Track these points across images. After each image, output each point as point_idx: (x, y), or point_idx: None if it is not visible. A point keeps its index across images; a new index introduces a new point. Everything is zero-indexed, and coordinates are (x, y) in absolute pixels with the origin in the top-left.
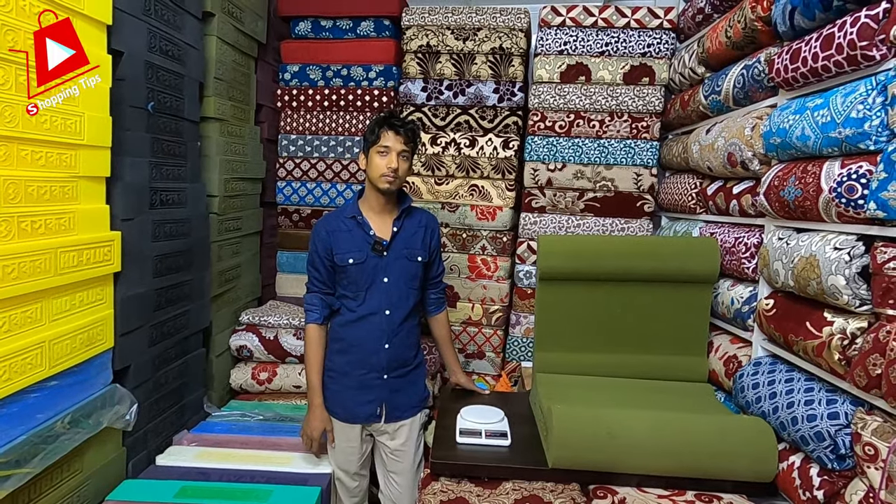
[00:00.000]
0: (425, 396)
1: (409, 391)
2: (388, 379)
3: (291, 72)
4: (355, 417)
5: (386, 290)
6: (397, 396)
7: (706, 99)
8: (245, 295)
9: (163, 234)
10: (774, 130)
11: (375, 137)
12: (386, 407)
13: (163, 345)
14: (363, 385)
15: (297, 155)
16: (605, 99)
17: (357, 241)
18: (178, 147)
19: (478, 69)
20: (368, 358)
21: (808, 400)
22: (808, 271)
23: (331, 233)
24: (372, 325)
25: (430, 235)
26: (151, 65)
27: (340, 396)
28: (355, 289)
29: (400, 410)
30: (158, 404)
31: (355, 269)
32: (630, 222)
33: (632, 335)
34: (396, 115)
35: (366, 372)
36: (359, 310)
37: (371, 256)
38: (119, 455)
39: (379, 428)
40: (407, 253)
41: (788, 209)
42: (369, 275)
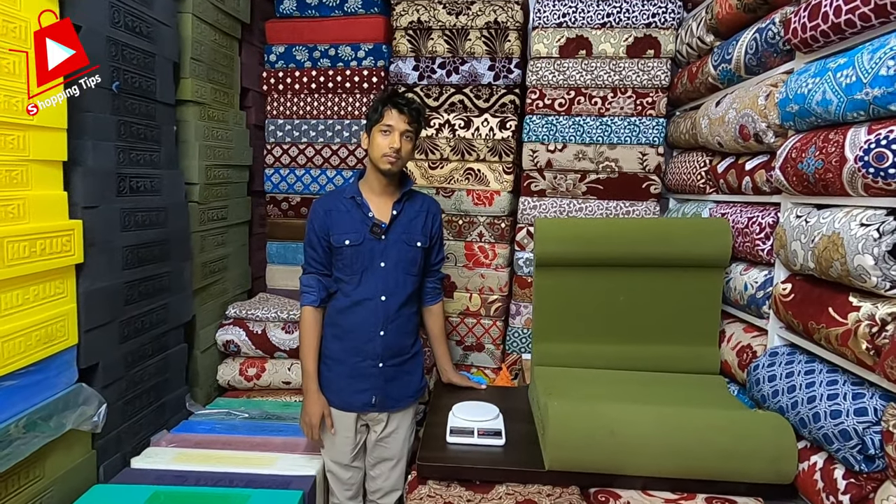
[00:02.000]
0: (422, 387)
1: (404, 381)
2: (384, 367)
3: (277, 53)
4: (349, 405)
5: (383, 276)
6: (392, 385)
7: (715, 69)
8: (233, 287)
9: (134, 223)
10: (791, 97)
11: (378, 116)
12: (381, 396)
13: (137, 340)
14: (358, 373)
15: (285, 141)
16: (608, 74)
17: (355, 222)
18: (151, 131)
19: (472, 45)
20: (363, 345)
21: (832, 394)
22: (830, 251)
23: (328, 212)
24: (367, 311)
25: (431, 221)
26: (115, 41)
27: (335, 384)
28: (350, 272)
29: (394, 400)
30: (133, 403)
31: (351, 251)
32: (635, 205)
33: (637, 324)
34: (400, 94)
35: (361, 359)
36: (354, 294)
37: (368, 239)
38: (88, 458)
39: (375, 417)
40: (406, 238)
41: (808, 183)
42: (366, 258)
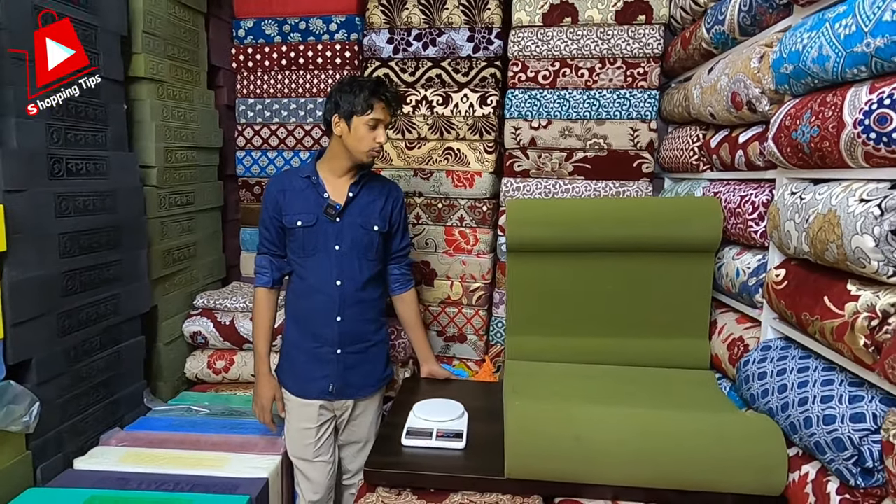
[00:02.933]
0: (386, 377)
1: (365, 369)
2: (342, 354)
3: (245, 28)
4: (306, 392)
5: (338, 259)
6: (351, 373)
7: (709, 33)
8: (203, 276)
9: (73, 208)
10: (786, 56)
11: (366, 107)
12: (339, 384)
13: (81, 333)
14: (315, 358)
15: (256, 121)
16: (595, 43)
17: (309, 202)
18: (94, 109)
19: (449, 15)
20: (321, 330)
21: (826, 396)
22: (826, 231)
23: (281, 192)
24: (323, 295)
25: (391, 205)
26: (41, 8)
27: (294, 371)
28: (303, 254)
29: (354, 388)
30: (79, 400)
31: (304, 232)
32: (626, 185)
33: (620, 315)
34: (386, 84)
35: (319, 345)
36: (309, 278)
37: (322, 220)
38: (22, 460)
39: (342, 405)
40: (362, 221)
41: (803, 154)
42: (319, 240)
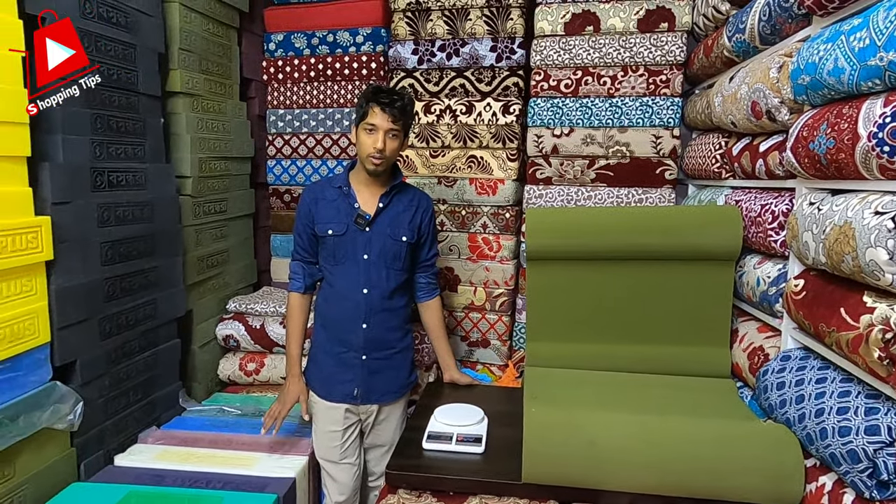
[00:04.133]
0: (410, 383)
1: (389, 375)
2: (367, 360)
3: (276, 41)
4: (332, 395)
5: (365, 268)
6: (376, 379)
7: (730, 41)
8: (236, 281)
9: (114, 218)
10: (802, 67)
11: (363, 113)
12: (363, 388)
13: (121, 337)
14: (342, 363)
15: (286, 131)
16: (617, 51)
17: (340, 212)
18: (134, 124)
19: (472, 25)
20: (347, 336)
21: (843, 407)
22: (841, 243)
23: (315, 201)
24: (350, 302)
25: (420, 216)
26: (87, 33)
27: (320, 374)
28: (333, 262)
29: (378, 394)
30: (119, 400)
31: (334, 241)
32: (649, 192)
33: (640, 322)
34: (386, 89)
35: (345, 350)
36: (336, 285)
37: (352, 230)
38: (67, 456)
39: (367, 409)
40: (391, 231)
41: (820, 165)
42: (348, 249)
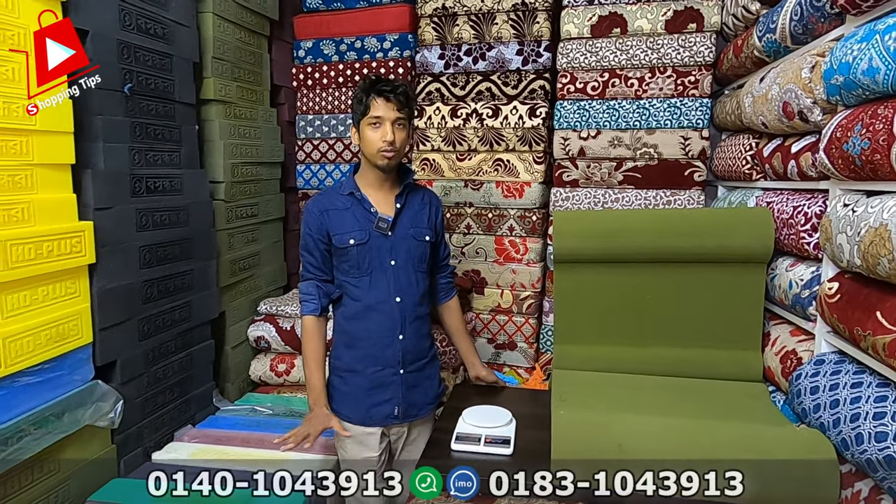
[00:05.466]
0: (441, 391)
1: (425, 386)
2: (405, 374)
3: (305, 48)
4: (371, 420)
5: (394, 275)
6: (414, 393)
7: (760, 41)
8: (266, 284)
9: (152, 222)
10: (836, 67)
11: (364, 108)
12: (403, 405)
13: (158, 338)
14: (378, 383)
15: (315, 136)
16: (645, 52)
17: (357, 219)
18: (170, 131)
19: (499, 30)
20: (382, 352)
21: (879, 413)
22: (877, 246)
23: (325, 212)
24: (383, 314)
25: (434, 214)
26: (127, 44)
27: (353, 398)
28: (358, 273)
29: (416, 408)
30: (156, 399)
31: (358, 250)
32: (677, 194)
33: (670, 325)
34: (383, 79)
35: (380, 368)
36: (365, 298)
37: (375, 236)
38: (108, 453)
39: (397, 430)
40: (414, 232)
41: (854, 167)
42: (374, 257)
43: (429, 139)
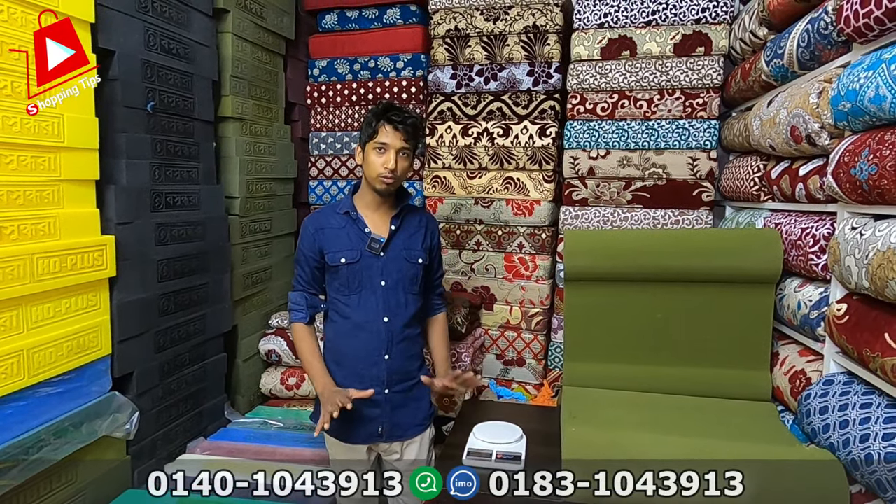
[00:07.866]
0: (430, 413)
1: (412, 407)
2: (390, 394)
3: (320, 67)
4: (354, 437)
5: (383, 295)
6: (399, 413)
7: (768, 65)
8: (277, 298)
9: (170, 237)
10: (843, 94)
11: (372, 132)
12: (388, 425)
13: (173, 350)
14: (363, 401)
15: (328, 153)
16: (654, 74)
17: (352, 238)
18: (189, 148)
19: (510, 51)
20: (367, 370)
21: (889, 433)
22: (885, 269)
23: (319, 230)
24: (370, 334)
25: (430, 237)
26: (150, 63)
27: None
28: (348, 291)
29: (402, 429)
30: (169, 411)
31: (348, 269)
32: (686, 214)
33: (679, 344)
34: (396, 107)
35: (365, 387)
36: (354, 316)
37: (366, 256)
38: (122, 464)
39: (387, 448)
40: (406, 254)
41: (862, 191)
42: (364, 276)
43: (440, 157)
